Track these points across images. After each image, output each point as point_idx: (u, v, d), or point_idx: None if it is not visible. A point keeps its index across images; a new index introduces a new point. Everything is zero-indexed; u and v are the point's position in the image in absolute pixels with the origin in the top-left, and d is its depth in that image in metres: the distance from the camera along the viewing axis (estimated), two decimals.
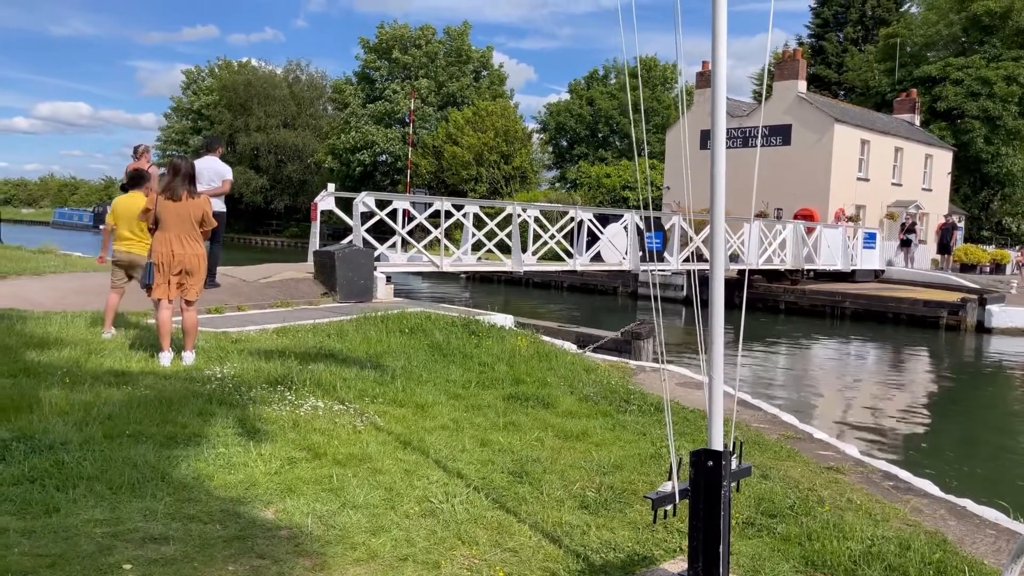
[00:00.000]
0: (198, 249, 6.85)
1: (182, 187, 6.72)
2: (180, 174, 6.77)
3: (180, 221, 6.69)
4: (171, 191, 6.70)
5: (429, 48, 54.93)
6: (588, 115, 55.95)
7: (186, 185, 6.77)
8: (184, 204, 6.71)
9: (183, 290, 6.77)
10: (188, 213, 6.73)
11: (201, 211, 6.83)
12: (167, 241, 6.67)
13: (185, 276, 6.75)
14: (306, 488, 4.21)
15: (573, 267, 18.11)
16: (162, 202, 6.70)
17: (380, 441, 5.15)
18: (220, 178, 11.12)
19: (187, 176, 6.83)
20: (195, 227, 6.79)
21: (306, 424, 5.30)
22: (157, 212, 6.70)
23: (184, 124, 69.94)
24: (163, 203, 6.69)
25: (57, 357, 6.34)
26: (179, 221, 6.69)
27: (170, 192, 6.70)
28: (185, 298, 6.79)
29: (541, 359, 8.08)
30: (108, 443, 4.49)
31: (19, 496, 3.72)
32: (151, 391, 5.59)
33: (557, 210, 19.68)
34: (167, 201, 6.69)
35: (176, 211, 6.68)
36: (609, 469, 5.03)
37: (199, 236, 6.86)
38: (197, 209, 6.80)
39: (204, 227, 6.88)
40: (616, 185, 41.08)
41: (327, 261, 12.42)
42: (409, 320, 9.33)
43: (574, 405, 6.62)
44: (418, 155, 47.93)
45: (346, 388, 6.26)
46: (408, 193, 23.91)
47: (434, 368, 7.33)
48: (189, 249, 6.75)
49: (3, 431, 4.43)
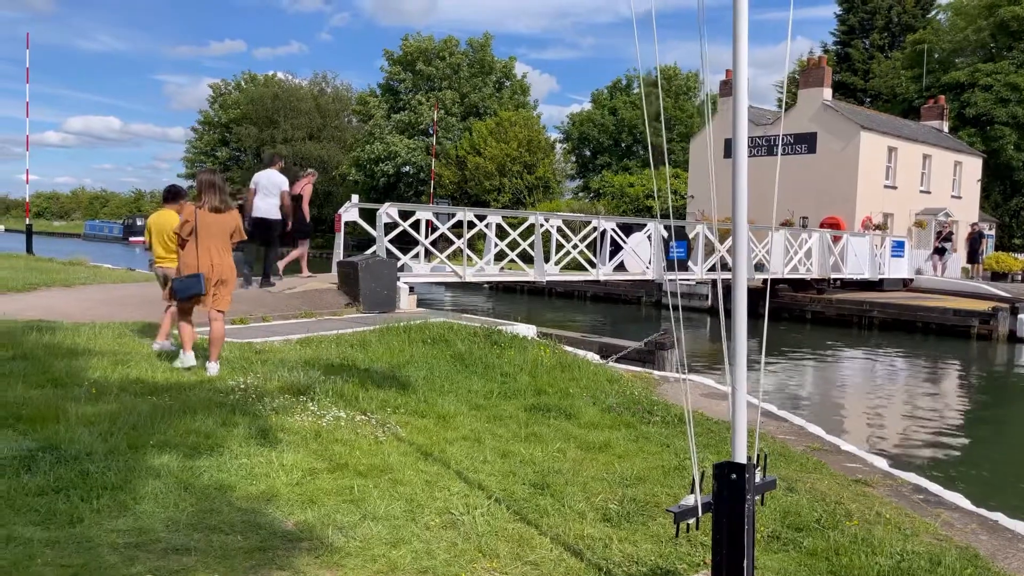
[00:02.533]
0: (231, 260, 7.03)
1: (221, 201, 6.90)
2: (217, 187, 6.94)
3: (219, 233, 6.87)
4: (213, 204, 6.85)
5: (452, 60, 55.21)
6: (611, 124, 55.87)
7: (223, 198, 6.94)
8: (223, 217, 6.90)
9: (216, 300, 6.88)
10: (225, 225, 6.92)
11: (235, 223, 7.03)
12: (207, 252, 6.79)
13: (220, 286, 6.89)
14: (327, 499, 4.21)
15: (596, 277, 18.05)
16: (203, 214, 6.82)
17: (401, 452, 5.14)
18: (278, 188, 12.16)
19: (224, 189, 7.01)
20: (229, 239, 6.96)
21: (328, 435, 5.31)
22: (196, 224, 6.80)
23: (212, 137, 70.87)
24: (204, 215, 6.82)
25: (84, 367, 6.41)
26: (218, 233, 6.86)
27: (213, 205, 6.85)
28: (217, 308, 6.89)
29: (563, 369, 8.05)
30: (132, 453, 4.52)
31: (44, 506, 3.75)
32: (175, 401, 5.63)
33: (580, 220, 19.64)
34: (209, 213, 6.83)
35: (216, 223, 6.85)
36: (632, 481, 4.98)
37: (230, 248, 7.02)
38: (232, 222, 7.00)
39: (235, 239, 7.04)
40: (640, 194, 40.93)
41: (351, 272, 12.48)
42: (431, 330, 9.34)
43: (596, 416, 6.58)
44: (441, 166, 48.15)
45: (368, 399, 6.27)
46: (431, 204, 23.99)
47: (456, 379, 7.32)
48: (226, 260, 6.93)
49: (30, 441, 4.49)
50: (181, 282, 6.82)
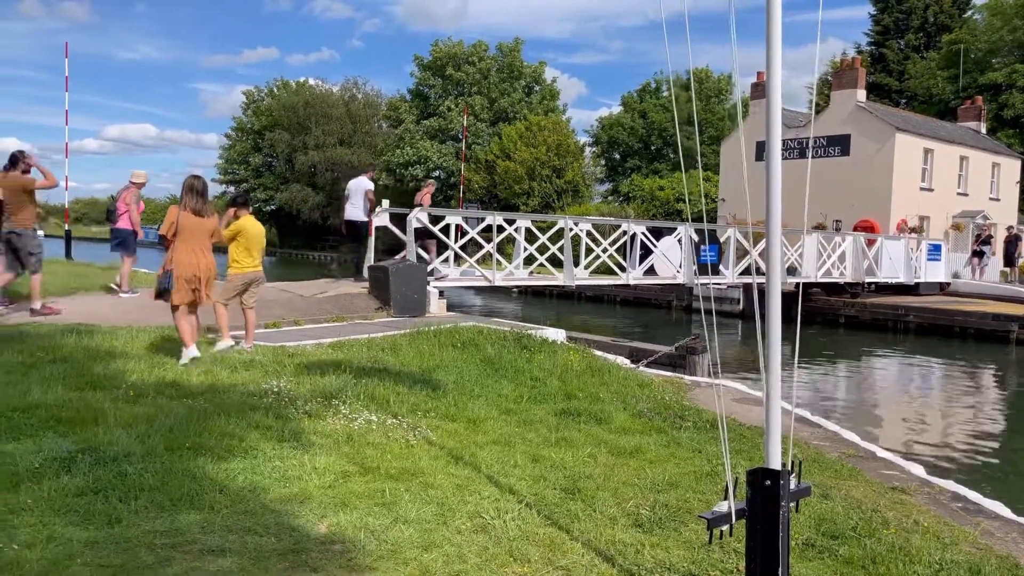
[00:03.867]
0: (212, 260, 7.53)
1: (203, 204, 7.40)
2: (201, 192, 7.45)
3: (201, 235, 7.37)
4: (193, 207, 7.33)
5: (482, 65, 55.36)
6: (641, 128, 55.63)
7: (204, 202, 7.45)
8: (203, 220, 7.40)
9: (197, 296, 7.36)
10: (206, 228, 7.43)
11: (214, 226, 7.56)
12: (191, 252, 7.28)
13: (206, 284, 7.38)
14: (359, 502, 4.24)
15: (626, 281, 17.97)
16: (186, 216, 7.30)
17: (432, 456, 5.16)
18: (363, 192, 13.80)
19: (206, 194, 7.53)
20: (210, 240, 7.48)
21: (360, 438, 5.35)
22: (179, 226, 7.27)
23: (245, 144, 71.74)
24: (187, 218, 7.31)
25: (122, 370, 6.52)
26: (200, 235, 7.36)
27: (196, 209, 7.34)
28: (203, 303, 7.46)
29: (593, 374, 8.02)
30: (169, 455, 4.59)
31: (83, 507, 3.82)
32: (210, 404, 5.71)
33: (609, 224, 19.58)
34: (192, 216, 7.32)
35: (199, 226, 7.35)
36: (663, 487, 4.95)
37: (210, 248, 7.55)
38: (212, 224, 7.50)
39: (214, 239, 7.56)
40: (670, 198, 40.69)
41: (381, 276, 12.56)
42: (461, 334, 9.36)
43: (627, 421, 6.55)
44: (471, 170, 48.29)
45: (399, 402, 6.31)
46: (460, 208, 24.09)
47: (486, 383, 7.33)
48: (208, 259, 7.44)
49: (70, 443, 4.58)
50: (161, 279, 7.30)
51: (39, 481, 4.04)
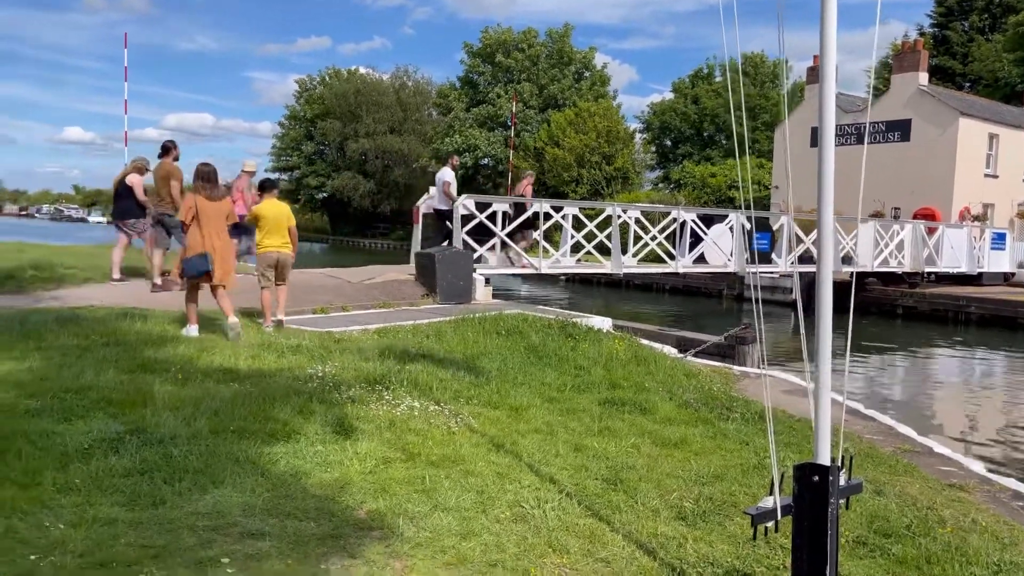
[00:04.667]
0: (227, 241, 7.87)
1: (214, 189, 7.71)
2: (210, 178, 7.76)
3: (216, 218, 7.65)
4: (207, 193, 7.64)
5: (531, 51, 55.10)
6: (693, 114, 54.76)
7: (215, 187, 7.77)
8: (218, 204, 7.70)
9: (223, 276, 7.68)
10: (221, 211, 7.72)
11: (228, 209, 7.88)
12: (207, 235, 7.57)
13: (224, 264, 7.68)
14: (399, 489, 4.23)
15: (675, 269, 17.70)
16: (201, 201, 7.60)
17: (474, 443, 5.13)
18: (443, 182, 14.44)
19: (215, 178, 7.84)
20: (225, 223, 7.77)
21: (402, 424, 5.35)
22: (197, 210, 7.57)
23: (298, 132, 72.72)
24: (203, 202, 7.61)
25: (172, 354, 6.64)
26: (215, 218, 7.65)
27: (208, 194, 7.65)
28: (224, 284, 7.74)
29: (639, 363, 7.91)
30: (213, 438, 4.64)
31: (129, 487, 3.89)
32: (256, 388, 5.77)
33: (659, 211, 19.30)
34: (206, 201, 7.62)
35: (213, 209, 7.63)
36: (708, 479, 4.84)
37: (227, 230, 7.85)
38: (226, 207, 7.84)
39: (229, 222, 7.89)
40: (722, 185, 39.97)
41: (428, 263, 12.59)
42: (506, 322, 9.32)
43: (673, 411, 6.43)
44: (519, 158, 48.16)
45: (442, 389, 6.29)
46: (509, 196, 24.07)
47: (530, 371, 7.28)
48: (226, 241, 7.80)
49: (119, 424, 4.66)
50: (189, 262, 7.53)
51: (88, 461, 4.12)
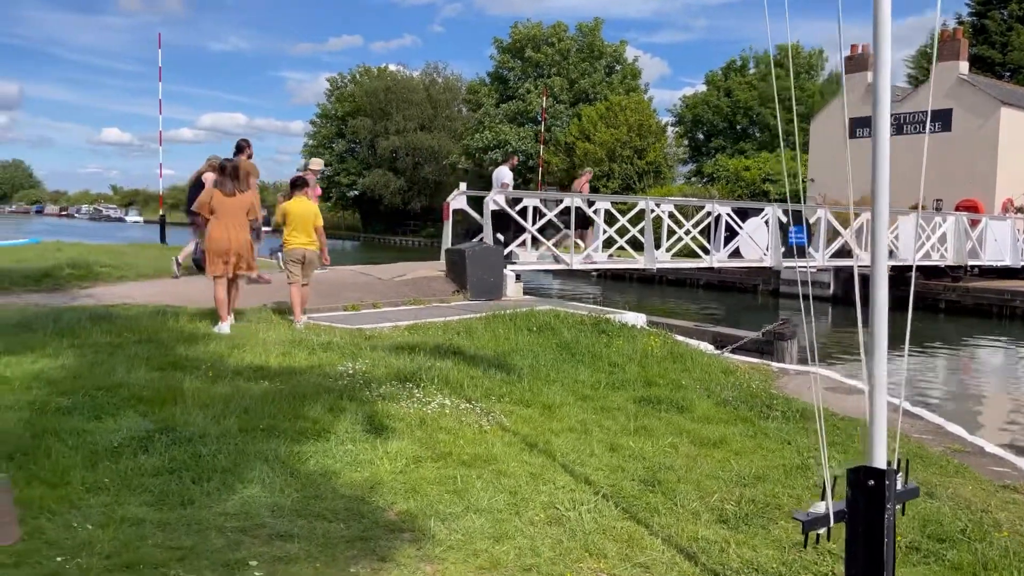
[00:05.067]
0: (247, 235, 8.00)
1: (232, 184, 7.89)
2: (231, 173, 7.97)
3: (235, 212, 7.85)
4: (227, 188, 7.86)
5: (561, 45, 54.81)
6: (726, 107, 54.06)
7: (235, 182, 7.93)
8: (237, 198, 7.87)
9: (236, 269, 7.87)
10: (240, 206, 7.89)
11: (249, 203, 8.00)
12: (224, 228, 7.79)
13: (238, 258, 7.85)
14: (430, 489, 4.12)
15: (710, 264, 17.41)
16: (219, 196, 7.85)
17: (506, 442, 5.01)
18: (500, 182, 14.65)
19: (233, 174, 7.99)
20: (245, 217, 7.92)
21: (433, 422, 5.24)
22: (213, 205, 7.81)
23: (329, 130, 73.18)
24: (219, 197, 7.85)
25: (203, 352, 6.61)
26: (234, 212, 7.84)
27: (227, 189, 7.86)
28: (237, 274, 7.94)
29: (675, 360, 7.72)
30: (243, 436, 4.58)
31: (158, 487, 3.83)
32: (286, 386, 5.71)
33: (693, 204, 19.02)
34: (223, 196, 7.84)
35: (232, 204, 7.84)
36: (750, 480, 4.67)
37: (247, 225, 8.00)
38: (246, 202, 7.97)
39: (250, 216, 8.01)
40: (756, 178, 39.37)
41: (458, 259, 12.50)
42: (537, 318, 9.19)
43: (711, 410, 6.25)
44: (550, 153, 47.95)
45: (473, 386, 6.18)
46: (540, 191, 23.90)
47: (562, 368, 7.14)
48: (242, 235, 7.90)
49: (149, 422, 4.62)
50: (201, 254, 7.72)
51: (117, 460, 4.08)
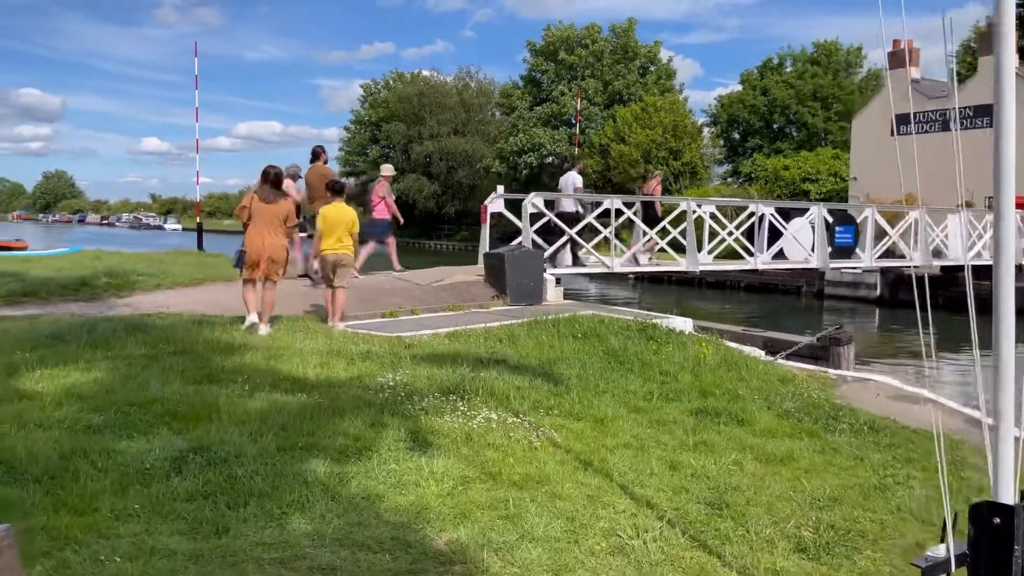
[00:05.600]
0: (282, 241, 8.18)
1: (271, 192, 8.08)
2: (270, 180, 8.15)
3: (270, 218, 8.01)
4: (263, 195, 8.03)
5: (595, 47, 54.34)
6: (762, 105, 53.22)
7: (273, 190, 8.11)
8: (272, 205, 8.05)
9: (269, 273, 8.01)
10: (276, 212, 8.05)
11: (286, 211, 8.19)
12: (259, 234, 7.98)
13: (270, 262, 7.99)
14: (480, 514, 3.83)
15: (754, 266, 16.92)
16: (256, 202, 8.04)
17: (558, 460, 4.70)
18: (572, 187, 14.62)
19: (275, 182, 8.18)
20: (282, 224, 8.10)
21: (479, 438, 4.95)
22: (251, 211, 8.01)
23: (363, 136, 73.48)
24: (256, 204, 8.03)
25: (240, 363, 6.40)
26: (269, 218, 8.01)
27: (263, 196, 8.03)
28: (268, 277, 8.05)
29: (729, 368, 7.34)
30: (281, 456, 4.33)
31: (191, 513, 3.58)
32: (324, 399, 5.46)
33: (735, 205, 18.54)
34: (260, 203, 8.03)
35: (267, 210, 8.01)
36: (825, 502, 4.30)
37: (283, 231, 8.19)
38: (283, 209, 8.14)
39: (288, 224, 8.22)
40: (796, 178, 38.59)
41: (497, 264, 12.22)
42: (582, 324, 8.86)
43: (773, 422, 5.87)
44: (584, 155, 47.53)
45: (520, 398, 5.88)
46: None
47: (611, 377, 6.81)
48: (276, 241, 8.06)
49: (182, 441, 4.39)
50: (239, 256, 8.12)
51: (148, 484, 3.84)
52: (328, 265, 8.76)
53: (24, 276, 11.24)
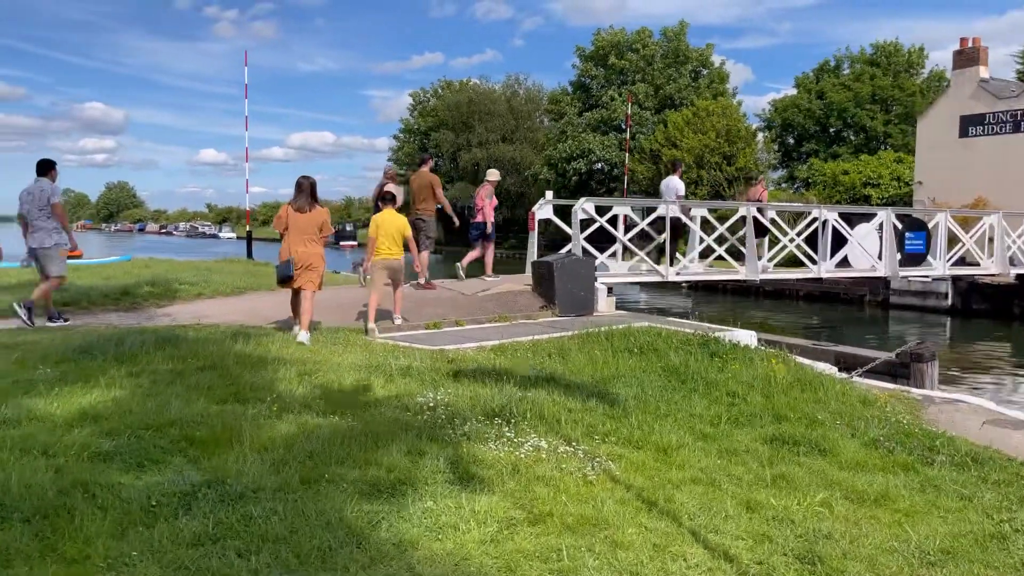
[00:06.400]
0: (318, 249, 8.24)
1: (306, 201, 8.16)
2: (305, 191, 8.21)
3: (306, 228, 8.13)
4: (298, 205, 8.14)
5: (646, 51, 53.42)
6: (818, 109, 51.68)
7: (309, 199, 8.18)
8: (308, 215, 8.15)
9: (303, 281, 8.08)
10: (312, 221, 8.16)
11: (322, 219, 8.25)
12: (296, 244, 8.09)
13: (307, 270, 8.09)
14: (529, 567, 3.28)
15: (818, 274, 16.06)
16: (291, 213, 8.15)
17: (618, 498, 4.12)
18: (675, 193, 14.69)
19: (311, 192, 8.24)
20: (317, 233, 8.17)
21: (527, 470, 4.40)
22: (287, 221, 8.14)
23: (412, 145, 73.69)
24: (292, 214, 8.15)
25: (271, 379, 5.97)
26: (306, 228, 8.13)
27: (299, 206, 8.14)
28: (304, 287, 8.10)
29: (804, 388, 6.65)
30: (304, 491, 3.84)
31: (195, 562, 3.10)
32: (358, 421, 4.98)
33: (797, 210, 17.69)
34: (295, 213, 8.14)
35: (303, 220, 8.13)
36: (936, 556, 3.64)
37: (319, 240, 8.22)
38: (319, 218, 8.23)
39: (323, 233, 8.23)
40: (856, 182, 37.17)
41: (545, 272, 11.68)
42: (637, 338, 8.27)
43: (860, 452, 5.18)
44: (635, 161, 46.68)
45: (572, 423, 5.31)
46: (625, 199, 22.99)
47: (673, 398, 6.19)
48: (312, 249, 8.15)
49: (196, 472, 3.93)
50: (278, 268, 8.25)
51: (151, 524, 3.39)
52: (381, 270, 9.01)
53: (67, 285, 11.07)
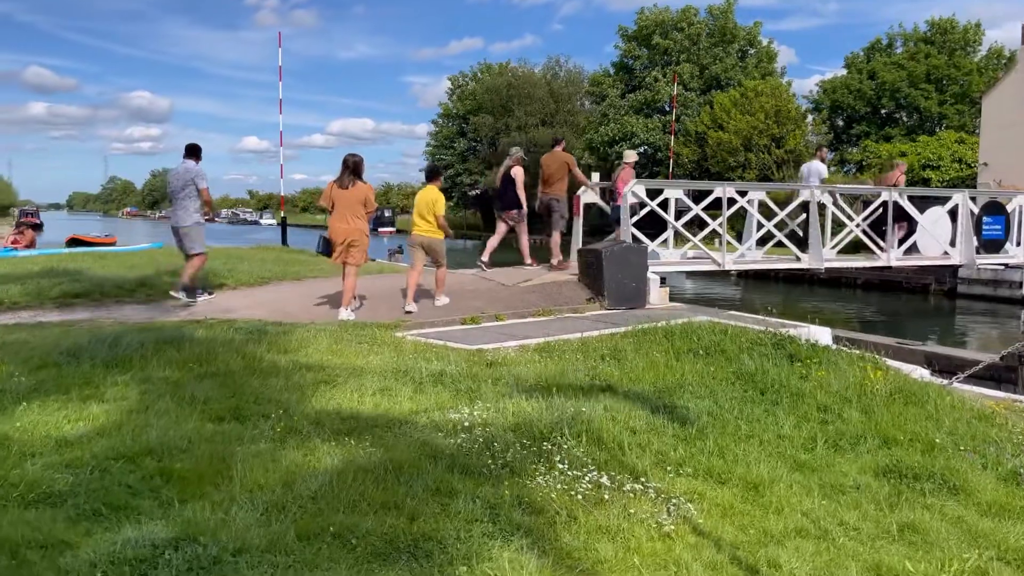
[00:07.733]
0: (360, 225, 8.43)
1: (348, 178, 8.35)
2: (348, 167, 8.39)
3: (349, 204, 8.34)
4: (341, 182, 8.35)
5: (691, 30, 51.68)
6: (869, 90, 49.54)
7: (351, 176, 8.37)
8: (351, 191, 8.34)
9: (347, 256, 8.38)
10: (354, 197, 8.35)
11: (364, 196, 8.41)
12: (338, 219, 8.34)
13: (350, 246, 8.35)
14: None
15: (886, 262, 14.85)
16: (335, 190, 8.37)
17: (705, 561, 3.17)
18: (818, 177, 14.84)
19: (354, 169, 8.41)
20: (360, 208, 8.36)
21: (587, 517, 3.48)
22: (332, 197, 8.37)
23: (450, 129, 72.85)
24: (336, 190, 8.36)
25: (281, 389, 5.13)
26: (348, 204, 8.33)
27: (341, 183, 8.34)
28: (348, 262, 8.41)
29: (907, 400, 5.57)
30: (300, 550, 2.97)
31: None
32: (378, 447, 4.11)
33: (865, 192, 16.44)
34: (339, 190, 8.35)
35: (346, 196, 8.33)
36: None
37: (363, 215, 8.41)
38: (361, 194, 8.39)
39: (368, 209, 8.43)
40: (915, 164, 35.34)
41: (593, 261, 10.70)
42: (700, 336, 7.25)
43: (999, 491, 4.14)
44: (679, 144, 45.21)
45: (638, 448, 4.37)
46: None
47: (753, 414, 5.19)
48: (354, 225, 8.38)
49: (163, 526, 3.07)
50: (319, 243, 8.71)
51: None
52: (416, 248, 9.09)
53: (81, 275, 10.42)
